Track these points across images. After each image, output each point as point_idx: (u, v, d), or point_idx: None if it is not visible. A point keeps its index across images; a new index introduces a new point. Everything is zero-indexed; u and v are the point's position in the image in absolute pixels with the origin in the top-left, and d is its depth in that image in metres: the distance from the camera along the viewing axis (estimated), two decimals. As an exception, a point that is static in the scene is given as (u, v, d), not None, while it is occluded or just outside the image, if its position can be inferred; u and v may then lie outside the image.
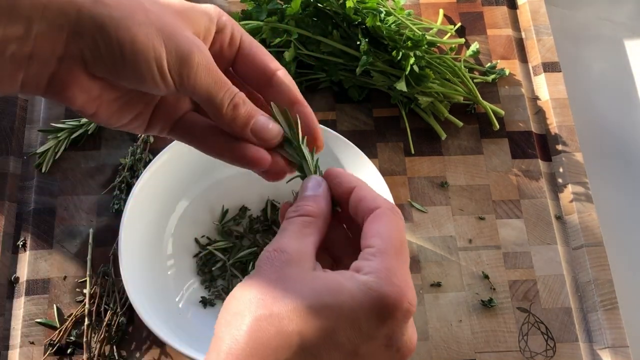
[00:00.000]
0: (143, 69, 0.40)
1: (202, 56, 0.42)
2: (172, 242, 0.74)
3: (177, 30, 0.42)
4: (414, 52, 0.79)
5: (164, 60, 0.41)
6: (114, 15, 0.39)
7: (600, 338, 0.73)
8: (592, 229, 0.78)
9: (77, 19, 0.39)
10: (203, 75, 0.42)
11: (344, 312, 0.37)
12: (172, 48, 0.41)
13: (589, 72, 0.96)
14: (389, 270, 0.38)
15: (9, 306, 0.73)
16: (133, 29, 0.40)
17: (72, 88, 0.41)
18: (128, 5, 0.40)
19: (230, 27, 0.46)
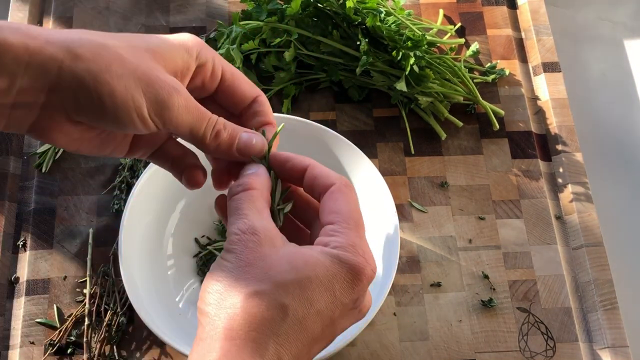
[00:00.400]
0: (124, 118, 0.42)
1: (180, 98, 0.44)
2: (172, 242, 0.74)
3: (155, 75, 0.43)
4: (414, 52, 0.79)
5: (144, 108, 0.43)
6: (92, 69, 0.41)
7: (600, 338, 0.73)
8: (592, 229, 0.78)
9: (58, 75, 0.41)
10: (184, 115, 0.44)
11: (322, 282, 0.41)
12: (152, 95, 0.43)
13: (589, 72, 0.96)
14: (353, 244, 0.43)
15: (9, 306, 0.73)
16: (112, 83, 0.41)
17: (54, 132, 0.43)
18: (106, 57, 0.42)
19: (211, 60, 0.47)
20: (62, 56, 0.41)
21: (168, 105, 0.43)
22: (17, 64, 0.40)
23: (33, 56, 0.40)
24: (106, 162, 0.80)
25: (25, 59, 0.40)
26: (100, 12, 0.90)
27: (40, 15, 0.90)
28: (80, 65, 0.41)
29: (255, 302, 0.40)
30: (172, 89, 0.43)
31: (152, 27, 0.89)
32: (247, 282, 0.40)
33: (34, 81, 0.41)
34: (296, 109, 0.84)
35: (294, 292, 0.40)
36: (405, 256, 0.76)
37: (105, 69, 0.41)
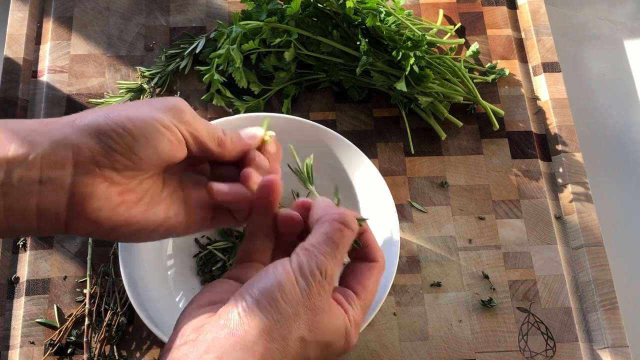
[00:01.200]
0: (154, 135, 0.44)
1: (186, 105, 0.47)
2: (172, 242, 0.74)
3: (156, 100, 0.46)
4: (414, 52, 0.79)
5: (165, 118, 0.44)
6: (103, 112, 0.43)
7: (600, 338, 0.73)
8: (592, 229, 0.78)
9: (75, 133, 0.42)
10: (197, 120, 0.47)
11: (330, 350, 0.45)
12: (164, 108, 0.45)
13: (589, 72, 0.96)
14: (358, 325, 0.47)
15: (9, 306, 0.73)
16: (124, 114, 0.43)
17: (93, 200, 0.42)
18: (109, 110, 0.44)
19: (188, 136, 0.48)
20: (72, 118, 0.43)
21: (181, 108, 0.46)
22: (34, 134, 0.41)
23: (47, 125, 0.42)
24: (106, 162, 0.80)
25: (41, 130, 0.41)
26: (100, 12, 0.90)
27: (40, 15, 0.91)
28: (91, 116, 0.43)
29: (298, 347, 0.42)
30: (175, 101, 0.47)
31: (152, 27, 0.89)
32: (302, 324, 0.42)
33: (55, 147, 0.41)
34: (296, 109, 0.84)
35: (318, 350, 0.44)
36: (405, 256, 0.76)
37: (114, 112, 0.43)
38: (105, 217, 0.43)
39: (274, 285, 0.42)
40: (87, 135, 0.42)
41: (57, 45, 0.88)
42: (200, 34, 0.88)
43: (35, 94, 0.84)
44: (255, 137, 0.52)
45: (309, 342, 0.43)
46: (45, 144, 0.40)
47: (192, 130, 0.46)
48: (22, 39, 0.87)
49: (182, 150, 0.46)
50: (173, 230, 0.49)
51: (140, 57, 0.87)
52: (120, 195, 0.44)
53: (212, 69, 0.81)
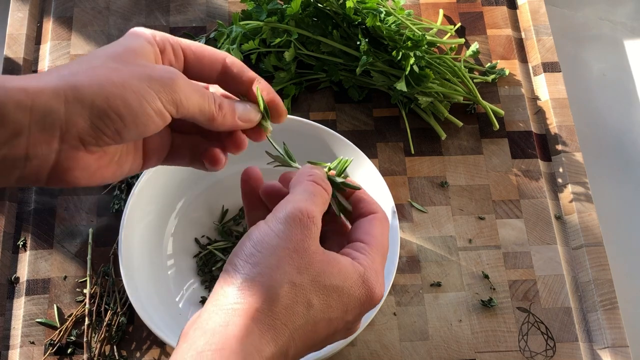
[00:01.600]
0: (143, 118, 0.43)
1: (181, 79, 0.45)
2: (172, 242, 0.74)
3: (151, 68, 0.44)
4: (414, 52, 0.79)
5: (157, 100, 0.43)
6: (98, 91, 0.41)
7: (600, 338, 0.73)
8: (592, 229, 0.78)
9: (67, 112, 0.40)
10: (191, 95, 0.45)
11: (344, 294, 0.43)
12: (157, 86, 0.43)
13: (589, 72, 0.96)
14: (377, 270, 0.45)
15: (9, 306, 0.73)
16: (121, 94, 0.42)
17: (74, 171, 0.43)
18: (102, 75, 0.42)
19: (168, 43, 0.48)
20: (63, 89, 0.41)
21: (175, 88, 0.44)
22: (20, 110, 0.39)
23: (34, 99, 0.40)
24: (106, 162, 0.80)
25: (27, 103, 0.39)
26: (100, 12, 0.90)
27: (40, 15, 0.91)
28: (85, 91, 0.41)
29: (289, 292, 0.41)
30: (171, 73, 0.44)
31: (152, 27, 0.89)
32: (289, 268, 0.42)
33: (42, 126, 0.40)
34: (296, 109, 0.84)
35: (321, 295, 0.42)
36: (405, 256, 0.76)
37: (109, 85, 0.42)
38: (83, 182, 0.44)
39: (247, 243, 0.43)
40: (78, 113, 0.41)
41: (57, 45, 0.88)
42: (200, 34, 0.88)
43: (35, 94, 0.84)
44: (251, 122, 0.50)
45: (303, 285, 0.42)
46: (32, 123, 0.40)
47: (184, 108, 0.45)
48: (22, 39, 0.87)
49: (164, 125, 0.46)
50: (130, 173, 0.49)
51: (140, 57, 0.87)
52: (97, 161, 0.44)
53: (212, 69, 0.81)
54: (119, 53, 0.44)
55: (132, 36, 0.46)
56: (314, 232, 0.44)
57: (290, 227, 0.43)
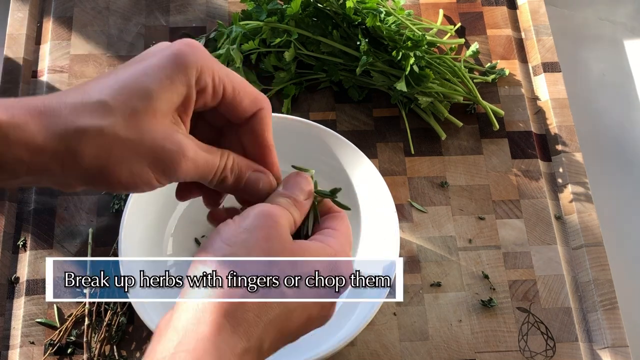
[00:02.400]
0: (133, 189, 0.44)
1: (188, 162, 0.43)
2: (172, 242, 0.74)
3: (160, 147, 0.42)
4: (414, 52, 0.79)
5: (153, 179, 0.43)
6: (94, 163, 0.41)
7: (600, 338, 0.73)
8: (592, 229, 0.78)
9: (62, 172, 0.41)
10: (191, 174, 0.44)
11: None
12: (159, 168, 0.42)
13: (589, 72, 0.96)
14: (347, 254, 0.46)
15: (9, 306, 0.73)
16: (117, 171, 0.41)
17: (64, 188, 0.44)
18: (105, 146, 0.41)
19: (211, 82, 0.44)
20: (62, 156, 0.40)
21: (176, 171, 0.43)
22: (19, 164, 0.39)
23: (34, 158, 0.39)
24: (106, 162, 0.80)
25: (26, 159, 0.39)
26: (100, 12, 0.90)
27: (40, 15, 0.91)
28: (82, 162, 0.40)
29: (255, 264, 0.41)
30: (179, 156, 0.43)
31: (152, 27, 0.89)
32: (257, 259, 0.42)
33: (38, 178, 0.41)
34: (296, 109, 0.84)
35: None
36: (405, 256, 0.76)
37: (107, 159, 0.41)
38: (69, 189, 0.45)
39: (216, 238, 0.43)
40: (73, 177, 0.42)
41: (57, 45, 0.88)
42: (200, 34, 0.88)
43: (35, 94, 0.84)
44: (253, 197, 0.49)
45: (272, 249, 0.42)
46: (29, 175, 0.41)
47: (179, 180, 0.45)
48: (22, 39, 0.87)
49: None
50: None
51: (140, 57, 0.87)
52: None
53: (212, 69, 0.81)
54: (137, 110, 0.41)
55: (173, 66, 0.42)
56: (283, 221, 0.44)
57: (259, 219, 0.43)
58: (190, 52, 0.43)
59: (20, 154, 0.39)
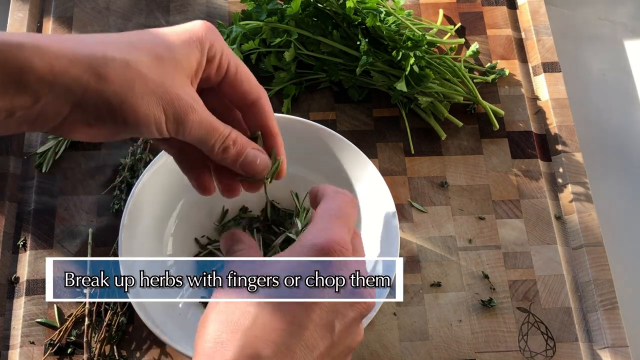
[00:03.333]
0: (143, 130, 0.45)
1: (196, 115, 0.47)
2: (172, 242, 0.74)
3: (175, 94, 0.46)
4: (414, 52, 0.79)
5: (163, 123, 0.46)
6: (118, 91, 0.43)
7: (600, 338, 0.73)
8: (592, 229, 0.78)
9: (82, 95, 0.43)
10: (196, 130, 0.47)
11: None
12: (171, 113, 0.45)
13: (589, 72, 0.96)
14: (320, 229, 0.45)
15: (9, 306, 0.73)
16: (136, 104, 0.44)
17: (75, 134, 0.46)
18: (130, 77, 0.44)
19: (219, 55, 0.49)
20: (87, 78, 0.42)
21: (184, 121, 0.46)
22: (41, 85, 0.41)
23: (57, 77, 0.41)
24: (106, 162, 0.80)
25: (49, 79, 0.41)
26: (100, 12, 0.90)
27: (40, 15, 0.90)
28: (106, 88, 0.43)
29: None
30: (190, 107, 0.46)
31: (152, 27, 0.89)
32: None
33: (57, 100, 0.42)
34: (296, 109, 0.84)
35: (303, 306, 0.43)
36: (405, 256, 0.76)
37: (129, 91, 0.43)
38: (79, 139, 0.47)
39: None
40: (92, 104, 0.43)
41: (57, 45, 0.87)
42: (200, 34, 0.88)
43: (35, 94, 0.84)
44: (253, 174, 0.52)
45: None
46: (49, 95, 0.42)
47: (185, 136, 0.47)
48: (22, 39, 0.87)
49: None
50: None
51: (140, 57, 0.87)
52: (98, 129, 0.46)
53: (212, 69, 0.81)
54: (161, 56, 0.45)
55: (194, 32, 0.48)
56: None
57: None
58: (205, 28, 0.48)
59: (44, 73, 0.41)
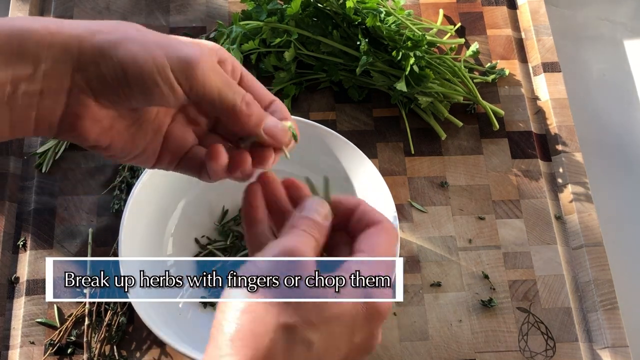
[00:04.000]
0: (149, 82, 0.42)
1: (205, 59, 0.43)
2: (172, 242, 0.74)
3: (175, 39, 0.44)
4: (414, 52, 0.79)
5: (168, 68, 0.42)
6: (111, 39, 0.42)
7: (600, 338, 0.73)
8: (592, 229, 0.78)
9: (79, 52, 0.41)
10: (211, 76, 0.43)
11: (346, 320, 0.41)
12: (174, 56, 0.42)
13: (589, 72, 0.96)
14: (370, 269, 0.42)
15: (9, 306, 0.73)
16: (132, 47, 0.42)
17: (84, 120, 0.43)
18: (123, 29, 0.43)
19: (230, 60, 0.47)
20: (81, 32, 0.42)
21: (192, 64, 0.42)
22: (39, 47, 0.40)
23: (55, 36, 0.41)
24: (106, 162, 0.80)
25: (48, 39, 0.41)
26: (100, 12, 0.90)
27: (40, 15, 0.90)
28: (99, 37, 0.42)
29: (284, 335, 0.39)
30: (195, 51, 0.43)
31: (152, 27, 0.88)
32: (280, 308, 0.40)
33: (57, 63, 0.41)
34: (296, 109, 0.84)
35: (321, 328, 0.40)
36: (405, 256, 0.76)
37: (124, 37, 0.42)
38: (92, 136, 0.44)
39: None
40: (89, 55, 0.42)
41: (57, 45, 0.88)
42: (200, 34, 0.88)
43: (35, 94, 0.84)
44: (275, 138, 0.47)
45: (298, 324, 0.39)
46: (49, 59, 0.41)
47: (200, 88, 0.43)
48: (22, 39, 0.87)
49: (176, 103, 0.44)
50: (143, 162, 0.48)
51: (140, 57, 0.87)
52: (111, 119, 0.44)
53: (212, 69, 0.81)
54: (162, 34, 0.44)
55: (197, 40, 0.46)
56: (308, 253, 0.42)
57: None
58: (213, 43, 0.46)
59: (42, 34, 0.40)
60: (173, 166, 0.49)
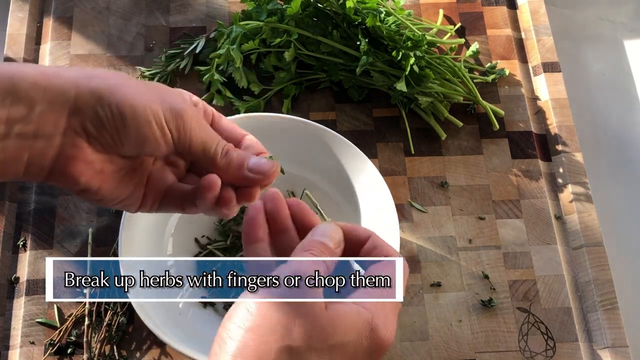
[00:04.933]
0: (144, 128, 0.44)
1: (193, 111, 0.46)
2: (172, 242, 0.74)
3: (165, 90, 0.46)
4: (414, 52, 0.79)
5: (162, 116, 0.44)
6: (109, 84, 0.43)
7: (600, 338, 0.73)
8: (592, 229, 0.78)
9: (76, 96, 0.42)
10: (197, 129, 0.46)
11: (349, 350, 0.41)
12: (167, 106, 0.45)
13: (589, 72, 0.96)
14: (387, 316, 0.43)
15: (9, 306, 0.73)
16: (129, 93, 0.43)
17: (77, 163, 0.44)
18: (118, 76, 0.45)
19: (202, 103, 0.50)
20: (77, 77, 0.43)
21: (182, 114, 0.45)
22: (35, 89, 0.41)
23: (51, 80, 0.42)
24: (106, 162, 0.80)
25: (44, 83, 0.41)
26: (100, 12, 0.90)
27: (40, 15, 0.90)
28: (96, 82, 0.43)
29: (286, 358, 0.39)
30: (184, 102, 0.46)
31: (152, 27, 0.89)
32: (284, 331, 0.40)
33: (52, 106, 0.42)
34: (296, 109, 0.84)
35: (324, 355, 0.40)
36: (405, 256, 0.76)
37: (121, 83, 0.44)
38: (84, 179, 0.45)
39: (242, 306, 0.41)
40: (86, 99, 0.43)
41: (57, 45, 0.88)
42: (200, 34, 0.88)
43: (35, 94, 0.84)
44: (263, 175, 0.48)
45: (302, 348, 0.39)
46: (45, 101, 0.42)
47: (186, 138, 0.46)
48: (22, 39, 0.87)
49: (166, 151, 0.46)
50: (128, 206, 0.49)
51: (140, 57, 0.87)
52: (102, 163, 0.45)
53: (212, 69, 0.81)
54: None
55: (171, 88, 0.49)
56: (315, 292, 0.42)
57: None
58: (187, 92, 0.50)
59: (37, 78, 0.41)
60: (156, 207, 0.51)
